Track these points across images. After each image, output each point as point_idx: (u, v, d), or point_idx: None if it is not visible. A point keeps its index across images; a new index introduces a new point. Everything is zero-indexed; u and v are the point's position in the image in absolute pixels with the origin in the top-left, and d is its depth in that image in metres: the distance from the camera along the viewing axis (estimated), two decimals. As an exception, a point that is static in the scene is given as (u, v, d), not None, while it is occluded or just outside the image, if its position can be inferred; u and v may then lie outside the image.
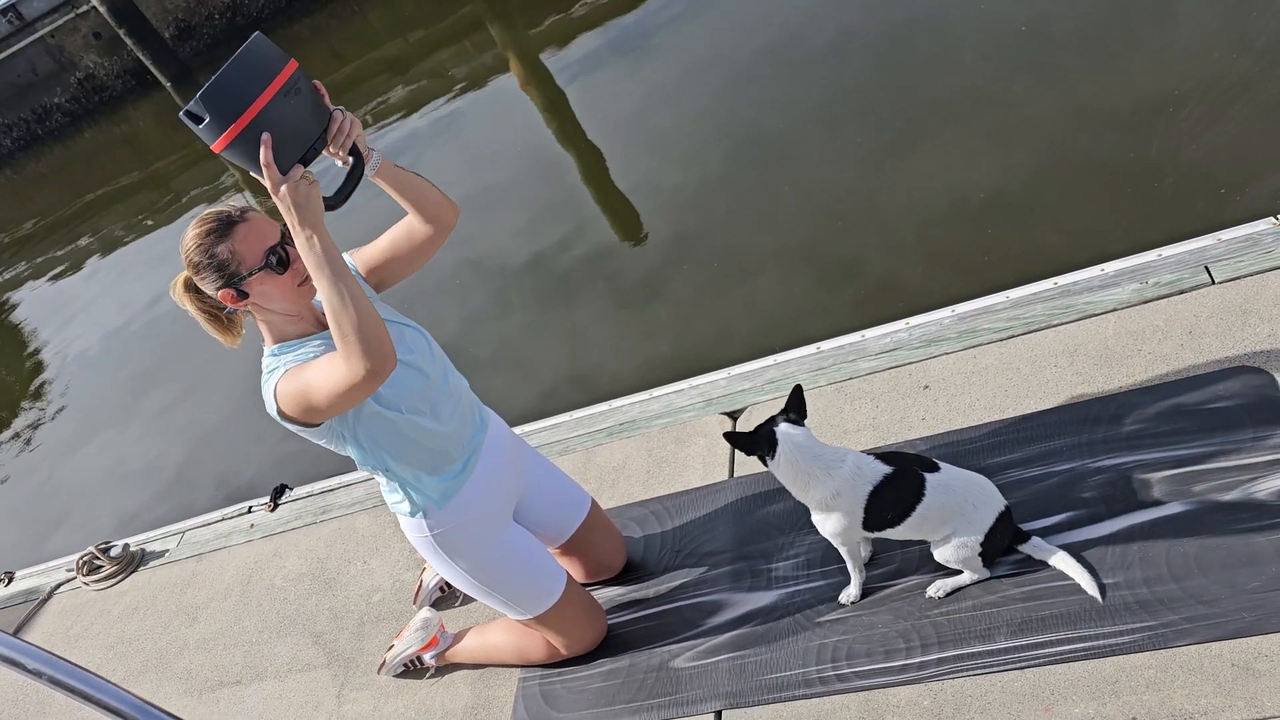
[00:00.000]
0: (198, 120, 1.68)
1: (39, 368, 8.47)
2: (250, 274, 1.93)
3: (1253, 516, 1.98)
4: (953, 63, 5.26)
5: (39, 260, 10.75)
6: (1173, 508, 2.06)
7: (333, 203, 1.85)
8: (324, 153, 1.87)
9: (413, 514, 2.20)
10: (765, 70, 6.21)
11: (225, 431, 5.97)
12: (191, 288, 2.02)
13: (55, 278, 10.05)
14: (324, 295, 1.76)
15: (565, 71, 7.84)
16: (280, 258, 1.97)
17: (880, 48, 5.75)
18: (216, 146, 1.72)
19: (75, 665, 1.56)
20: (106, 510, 5.96)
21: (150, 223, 9.81)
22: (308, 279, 2.03)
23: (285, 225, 2.06)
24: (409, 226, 2.12)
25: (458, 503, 2.20)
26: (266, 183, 1.72)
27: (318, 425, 1.99)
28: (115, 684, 1.56)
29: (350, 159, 1.89)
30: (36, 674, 1.57)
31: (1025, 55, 5.03)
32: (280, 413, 1.96)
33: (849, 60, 5.85)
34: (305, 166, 1.77)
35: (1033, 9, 5.26)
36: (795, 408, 2.12)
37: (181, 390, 6.66)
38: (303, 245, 1.76)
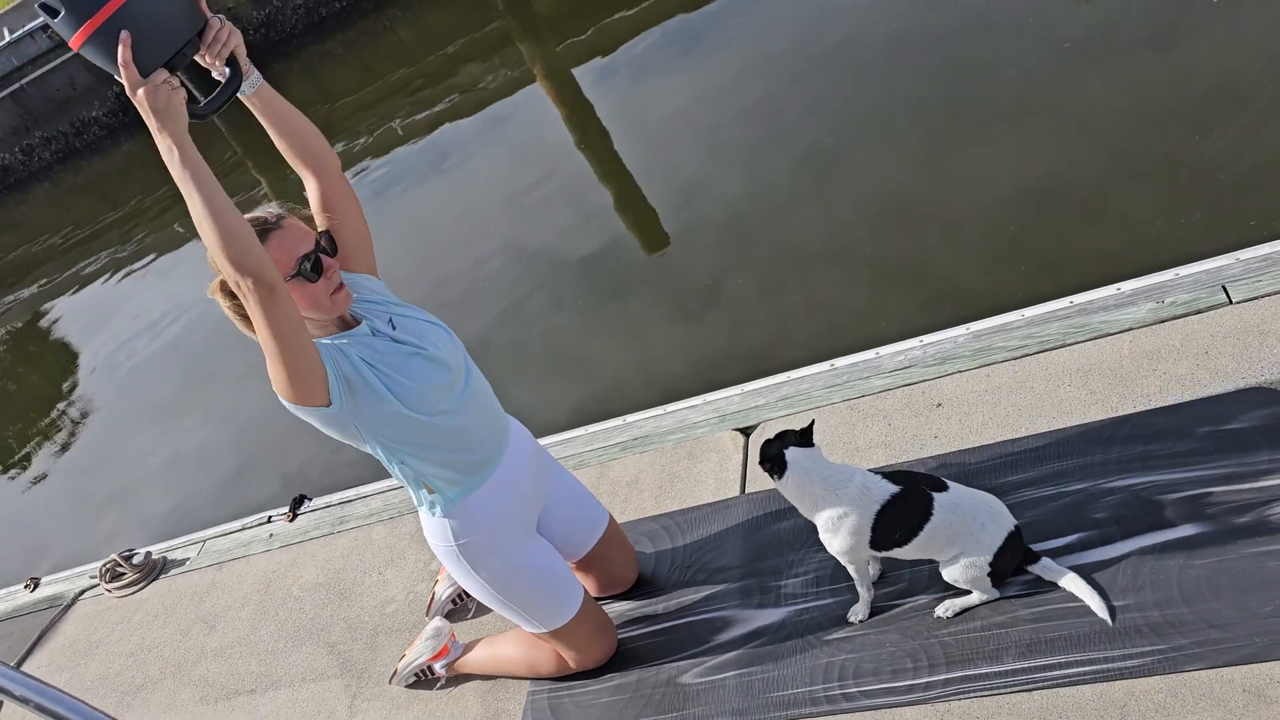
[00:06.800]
0: (53, 13, 1.59)
1: (80, 371, 8.64)
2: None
3: (1267, 540, 1.95)
4: (1004, 67, 5.23)
5: (79, 267, 10.97)
6: (1185, 530, 2.04)
7: (200, 111, 1.76)
8: (199, 60, 1.80)
9: (432, 513, 2.20)
10: (818, 75, 6.20)
11: (268, 428, 6.01)
12: (227, 289, 2.03)
13: (95, 284, 10.25)
14: (190, 206, 1.73)
15: (610, 74, 7.88)
16: (314, 264, 1.98)
17: (934, 51, 5.72)
18: (74, 43, 1.64)
19: (62, 691, 1.59)
20: (152, 507, 6.02)
21: (182, 230, 9.98)
22: (341, 286, 2.05)
23: (321, 231, 2.08)
24: (307, 183, 2.13)
25: (477, 505, 2.19)
26: (125, 83, 1.67)
27: (320, 405, 1.97)
28: (103, 711, 1.59)
29: (227, 70, 1.82)
30: (24, 701, 1.59)
31: (1075, 61, 4.99)
32: (284, 398, 1.96)
33: (900, 64, 5.82)
34: (174, 73, 1.69)
35: (1080, 17, 5.23)
36: (804, 434, 2.12)
37: (227, 387, 6.73)
38: (164, 153, 1.71)
